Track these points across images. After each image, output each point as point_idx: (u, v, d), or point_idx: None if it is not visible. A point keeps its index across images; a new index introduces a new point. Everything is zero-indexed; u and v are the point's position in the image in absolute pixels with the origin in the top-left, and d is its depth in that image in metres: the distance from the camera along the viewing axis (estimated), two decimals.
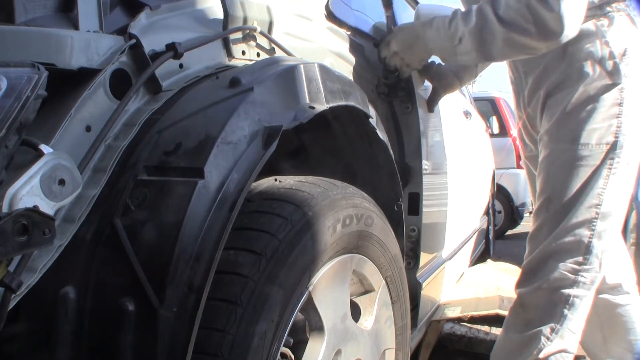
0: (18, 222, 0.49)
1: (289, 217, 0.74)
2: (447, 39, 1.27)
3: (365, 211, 0.93)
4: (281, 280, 0.70)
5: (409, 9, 2.08)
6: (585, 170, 1.27)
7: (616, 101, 1.26)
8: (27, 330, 0.62)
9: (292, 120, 0.77)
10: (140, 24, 0.78)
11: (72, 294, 0.61)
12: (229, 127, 0.69)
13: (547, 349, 1.30)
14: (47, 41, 0.66)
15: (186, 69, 0.83)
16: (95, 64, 0.69)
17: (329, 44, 1.24)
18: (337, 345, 0.86)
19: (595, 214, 1.27)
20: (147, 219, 0.62)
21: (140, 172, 0.66)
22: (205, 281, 0.61)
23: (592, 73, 1.27)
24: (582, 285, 1.28)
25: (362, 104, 1.00)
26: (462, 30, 1.24)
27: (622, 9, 1.30)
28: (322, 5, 1.26)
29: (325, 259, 0.82)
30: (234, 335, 0.64)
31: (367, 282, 1.00)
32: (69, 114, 0.64)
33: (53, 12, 0.76)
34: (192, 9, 0.92)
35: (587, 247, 1.27)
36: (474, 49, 1.24)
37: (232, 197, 0.66)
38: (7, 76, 0.55)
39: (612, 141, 1.26)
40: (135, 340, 0.58)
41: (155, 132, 0.71)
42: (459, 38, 1.25)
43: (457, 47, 1.26)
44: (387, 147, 1.09)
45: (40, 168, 0.54)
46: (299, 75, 0.82)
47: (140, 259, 0.60)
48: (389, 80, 1.40)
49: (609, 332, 1.53)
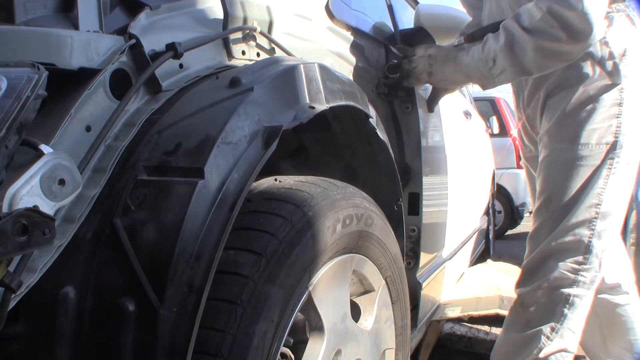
0: (18, 222, 0.49)
1: (289, 217, 0.74)
2: (482, 63, 1.27)
3: (365, 211, 0.93)
4: (281, 280, 0.70)
5: (409, 9, 2.08)
6: (585, 170, 1.27)
7: (616, 101, 1.26)
8: (27, 330, 0.62)
9: (292, 120, 0.77)
10: (140, 24, 0.78)
11: (72, 294, 0.61)
12: (229, 127, 0.69)
13: (547, 348, 1.30)
14: (47, 41, 0.66)
15: (186, 69, 0.83)
16: (95, 64, 0.69)
17: (329, 44, 1.24)
18: (337, 345, 0.86)
19: (595, 214, 1.27)
20: (147, 219, 0.62)
21: (140, 172, 0.66)
22: (205, 281, 0.61)
23: (592, 73, 1.27)
24: (582, 285, 1.28)
25: (362, 104, 1.00)
26: (494, 50, 1.24)
27: (621, 10, 1.30)
28: (322, 5, 1.26)
29: (325, 259, 0.82)
30: (234, 335, 0.64)
31: (367, 282, 1.00)
32: (69, 114, 0.64)
33: (53, 12, 0.76)
34: (192, 9, 0.92)
35: (587, 246, 1.27)
36: (508, 65, 1.24)
37: (232, 197, 0.66)
38: (7, 76, 0.55)
39: (612, 141, 1.26)
40: (135, 340, 0.58)
41: (155, 132, 0.71)
42: (492, 59, 1.25)
43: (492, 69, 1.26)
44: (387, 147, 1.09)
45: (40, 168, 0.54)
46: (299, 75, 0.82)
47: (141, 259, 0.60)
48: (389, 80, 1.40)
49: (608, 331, 1.53)
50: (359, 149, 1.10)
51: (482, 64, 1.27)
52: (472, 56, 1.29)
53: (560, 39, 1.16)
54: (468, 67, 1.31)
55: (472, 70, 1.31)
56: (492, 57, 1.25)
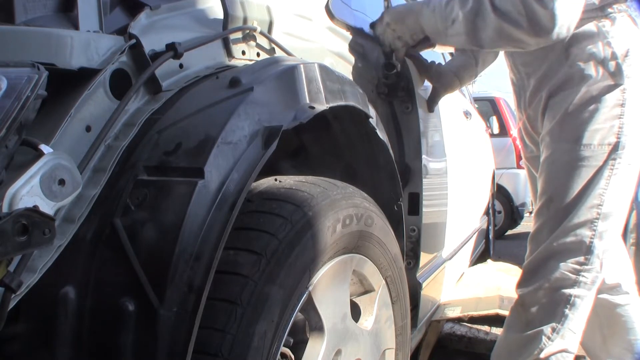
0: (18, 222, 0.49)
1: (289, 217, 0.74)
2: (441, 19, 1.28)
3: (365, 211, 0.93)
4: (281, 280, 0.70)
5: None
6: (587, 171, 1.27)
7: (618, 102, 1.26)
8: (27, 330, 0.62)
9: (292, 120, 0.77)
10: (140, 24, 0.78)
11: (72, 294, 0.61)
12: (229, 127, 0.69)
13: (548, 348, 1.30)
14: (47, 41, 0.65)
15: (186, 69, 0.83)
16: (95, 64, 0.69)
17: (329, 44, 1.24)
18: (337, 345, 0.86)
19: (596, 214, 1.27)
20: (147, 219, 0.62)
21: (140, 172, 0.66)
22: (205, 281, 0.61)
23: (595, 74, 1.27)
24: (583, 285, 1.28)
25: (362, 104, 0.99)
26: (456, 12, 1.25)
27: (623, 10, 1.29)
28: (322, 5, 1.26)
29: (325, 259, 0.82)
30: (234, 335, 0.64)
31: (367, 282, 1.00)
32: (69, 114, 0.64)
33: (53, 12, 0.76)
34: (192, 9, 0.92)
35: (588, 247, 1.27)
36: (465, 32, 1.25)
37: (232, 197, 0.66)
38: (7, 76, 0.55)
39: (614, 142, 1.26)
40: (135, 340, 0.58)
41: (155, 132, 0.71)
42: (452, 19, 1.26)
43: (449, 29, 1.27)
44: (387, 147, 1.09)
45: (40, 168, 0.54)
46: (299, 75, 0.82)
47: (140, 259, 0.60)
48: (389, 80, 1.40)
49: (608, 332, 1.53)
50: (359, 149, 1.10)
51: (440, 20, 1.28)
52: (433, 9, 1.30)
53: (522, 27, 1.18)
54: (427, 19, 1.31)
55: (430, 24, 1.31)
56: (453, 18, 1.26)
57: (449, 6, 1.27)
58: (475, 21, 1.23)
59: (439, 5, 1.29)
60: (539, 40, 1.21)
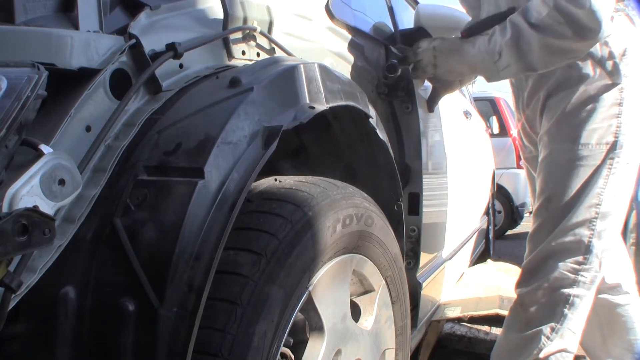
0: (18, 222, 0.49)
1: (289, 217, 0.74)
2: (488, 55, 1.26)
3: (365, 211, 0.93)
4: (281, 280, 0.70)
5: (409, 9, 2.08)
6: (585, 170, 1.27)
7: (616, 101, 1.26)
8: (27, 330, 0.62)
9: (292, 120, 0.77)
10: (140, 24, 0.78)
11: (72, 294, 0.61)
12: (229, 127, 0.69)
13: (548, 348, 1.30)
14: (47, 41, 0.66)
15: (186, 69, 0.83)
16: (95, 64, 0.69)
17: (329, 44, 1.24)
18: (337, 345, 0.86)
19: (595, 214, 1.27)
20: (147, 219, 0.62)
21: (140, 172, 0.66)
22: (205, 281, 0.61)
23: (592, 73, 1.27)
24: (582, 285, 1.28)
25: (362, 104, 0.99)
26: (499, 44, 1.23)
27: (621, 9, 1.30)
28: (322, 5, 1.26)
29: (325, 259, 0.82)
30: (234, 335, 0.64)
31: (367, 282, 1.00)
32: (69, 114, 0.64)
33: (53, 12, 0.76)
34: (192, 9, 0.92)
35: (587, 246, 1.27)
36: (514, 60, 1.23)
37: (232, 197, 0.66)
38: (7, 76, 0.55)
39: (612, 141, 1.26)
40: (135, 340, 0.58)
41: (155, 132, 0.71)
42: (498, 52, 1.24)
43: (498, 62, 1.25)
44: (387, 147, 1.09)
45: (40, 168, 0.54)
46: (299, 75, 0.82)
47: (141, 259, 0.60)
48: (389, 80, 1.40)
49: (608, 331, 1.53)
50: (359, 149, 1.10)
51: (487, 57, 1.26)
52: (478, 48, 1.28)
53: (567, 36, 1.15)
54: (473, 58, 1.30)
55: (478, 62, 1.30)
56: (498, 51, 1.24)
57: (492, 41, 1.25)
58: (519, 46, 1.20)
59: (483, 42, 1.27)
60: (588, 43, 1.18)
